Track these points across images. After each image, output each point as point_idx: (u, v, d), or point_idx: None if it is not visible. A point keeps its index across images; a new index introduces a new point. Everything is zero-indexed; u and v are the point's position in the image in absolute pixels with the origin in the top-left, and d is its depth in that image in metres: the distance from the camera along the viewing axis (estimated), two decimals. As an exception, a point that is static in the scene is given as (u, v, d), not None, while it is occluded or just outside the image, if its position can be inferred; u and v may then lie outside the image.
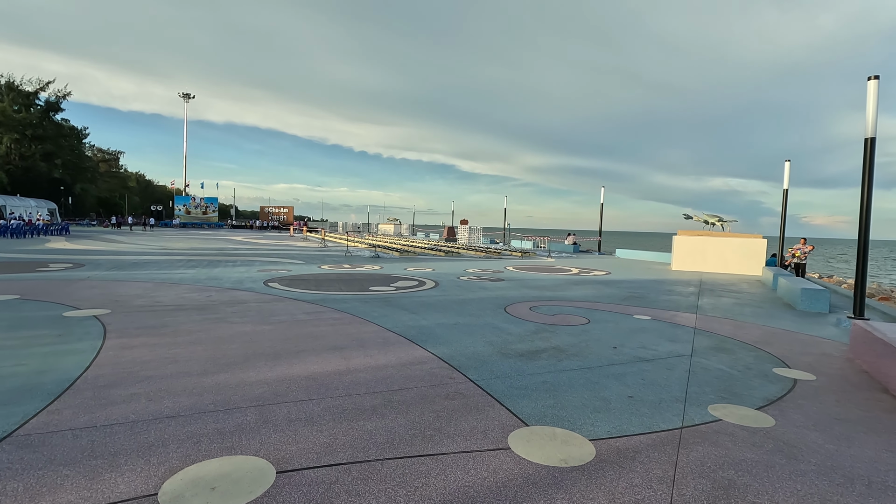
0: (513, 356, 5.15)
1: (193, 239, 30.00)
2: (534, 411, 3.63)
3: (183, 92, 69.50)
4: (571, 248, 27.58)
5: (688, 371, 4.84)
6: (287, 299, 8.28)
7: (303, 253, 19.99)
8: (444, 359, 4.93)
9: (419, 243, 29.03)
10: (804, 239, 15.78)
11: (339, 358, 4.84)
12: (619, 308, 8.53)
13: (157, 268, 12.85)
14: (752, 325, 7.40)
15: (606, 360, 5.12)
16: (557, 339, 6.01)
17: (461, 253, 22.41)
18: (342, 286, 10.13)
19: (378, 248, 23.23)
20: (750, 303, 9.83)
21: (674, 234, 18.17)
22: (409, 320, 6.83)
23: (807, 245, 15.65)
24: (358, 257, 18.33)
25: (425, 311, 7.61)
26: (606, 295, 10.17)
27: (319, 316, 6.92)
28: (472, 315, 7.39)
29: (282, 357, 4.81)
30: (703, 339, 6.33)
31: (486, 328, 6.49)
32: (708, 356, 5.45)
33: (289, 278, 11.21)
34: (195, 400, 3.60)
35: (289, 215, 69.83)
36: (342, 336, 5.76)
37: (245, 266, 13.85)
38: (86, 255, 16.55)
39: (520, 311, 7.82)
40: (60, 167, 65.09)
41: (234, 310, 7.21)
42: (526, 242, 31.34)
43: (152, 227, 48.82)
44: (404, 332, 6.05)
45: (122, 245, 22.45)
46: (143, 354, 4.75)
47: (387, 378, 4.27)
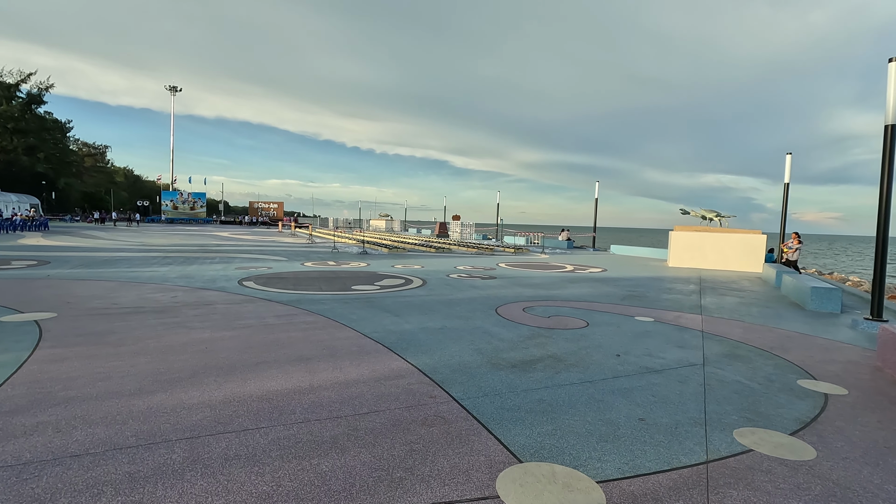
0: (504, 367, 4.53)
1: (177, 235, 29.11)
2: (528, 441, 3.01)
3: (169, 85, 68.02)
4: (565, 245, 27.02)
5: (703, 384, 4.25)
6: (259, 300, 7.61)
7: (288, 249, 19.27)
8: (426, 371, 4.30)
9: (410, 239, 28.37)
10: (796, 234, 15.25)
11: (304, 371, 4.19)
12: (618, 309, 7.94)
13: (128, 265, 12.09)
14: (762, 328, 6.83)
15: (610, 372, 4.51)
16: (554, 345, 5.40)
17: (452, 249, 21.78)
18: (323, 285, 9.46)
19: (367, 244, 22.53)
20: (755, 302, 9.28)
21: (668, 230, 17.65)
22: (391, 324, 6.18)
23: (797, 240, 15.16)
24: (345, 254, 17.64)
25: (409, 313, 6.97)
26: (604, 294, 9.59)
27: (291, 320, 6.26)
28: (461, 317, 6.77)
29: (236, 371, 4.15)
30: (713, 344, 5.75)
31: (476, 333, 5.86)
32: (722, 365, 4.86)
33: (266, 277, 10.52)
34: (115, 431, 2.94)
35: (279, 211, 68.82)
36: (312, 344, 5.11)
37: (223, 263, 13.13)
38: (57, 251, 15.72)
39: (512, 313, 7.20)
40: (43, 161, 63.49)
41: (198, 313, 6.53)
42: (519, 238, 30.77)
43: (137, 223, 47.70)
44: (383, 339, 5.40)
45: (99, 241, 21.58)
46: (73, 369, 4.07)
47: (356, 397, 3.63)
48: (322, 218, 62.19)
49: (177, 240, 23.91)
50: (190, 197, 66.93)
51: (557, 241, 27.85)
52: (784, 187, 15.03)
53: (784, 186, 15.02)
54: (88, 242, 20.56)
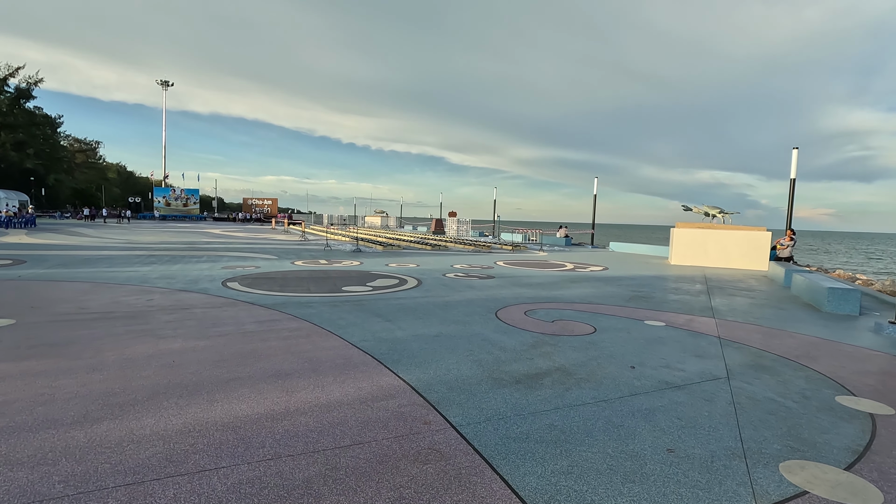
0: (508, 383, 4.03)
1: (167, 232, 28.46)
2: (541, 483, 2.52)
3: (161, 79, 66.98)
4: (563, 242, 26.57)
5: (732, 403, 3.77)
6: (241, 304, 7.08)
7: (279, 247, 18.70)
8: (420, 389, 3.80)
9: (405, 236, 27.83)
10: (791, 230, 14.71)
11: (280, 391, 3.68)
12: (625, 311, 7.46)
13: (108, 265, 11.52)
14: (782, 333, 6.37)
15: (626, 387, 4.02)
16: (561, 355, 4.91)
17: (449, 247, 21.27)
18: (312, 286, 8.93)
19: (361, 241, 21.99)
20: (767, 303, 8.83)
21: (664, 226, 17.22)
22: (382, 331, 5.67)
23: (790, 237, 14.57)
24: (338, 252, 17.10)
25: (403, 317, 6.46)
26: (608, 295, 9.11)
27: (273, 326, 5.74)
28: (458, 322, 6.27)
29: (203, 390, 3.63)
30: (733, 352, 5.27)
31: (475, 340, 5.36)
32: (749, 378, 4.38)
33: (253, 277, 9.98)
34: (40, 475, 2.42)
35: (273, 207, 68.07)
36: (293, 355, 4.59)
37: (210, 262, 12.57)
38: (37, 249, 15.10)
39: (513, 317, 6.71)
40: (33, 157, 62.42)
41: (172, 318, 6.00)
42: (516, 236, 30.29)
43: (128, 220, 46.90)
44: (373, 349, 4.90)
45: (85, 239, 20.93)
46: (13, 390, 3.54)
47: (337, 424, 3.13)
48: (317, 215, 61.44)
49: (166, 237, 23.28)
50: (183, 193, 66.03)
51: (555, 238, 27.39)
52: (790, 183, 14.60)
53: (790, 182, 14.59)
54: (73, 240, 19.92)
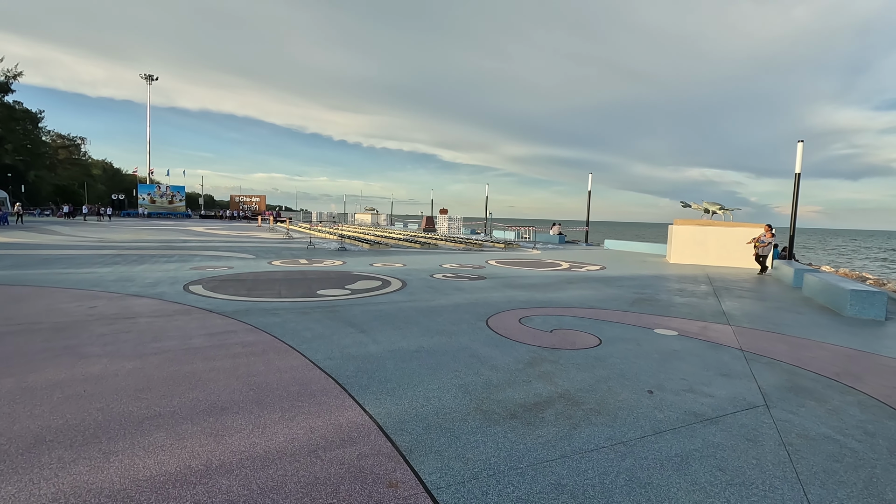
0: (501, 417, 3.24)
1: (146, 230, 27.34)
2: None
3: (145, 73, 65.27)
4: (557, 239, 25.86)
5: (782, 443, 3.00)
6: (197, 311, 6.22)
7: (260, 246, 17.77)
8: (389, 429, 2.99)
9: (395, 234, 26.97)
10: (769, 226, 13.56)
11: (207, 435, 2.85)
12: (630, 317, 6.70)
13: (66, 265, 10.56)
14: (809, 343, 5.63)
15: (648, 422, 3.24)
16: (564, 375, 4.12)
17: (439, 245, 20.46)
18: (284, 289, 8.07)
19: (347, 239, 21.10)
20: (781, 306, 8.12)
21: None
22: (353, 345, 4.85)
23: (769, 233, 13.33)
24: (322, 250, 16.22)
25: (380, 327, 5.64)
26: (609, 297, 8.35)
27: (225, 340, 4.89)
28: (443, 333, 5.46)
29: (102, 436, 2.79)
30: (763, 370, 4.52)
31: (461, 357, 4.56)
32: (792, 406, 3.62)
33: (221, 279, 9.09)
34: None
35: (261, 204, 66.80)
36: (238, 381, 3.76)
37: (180, 262, 11.65)
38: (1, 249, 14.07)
39: (506, 325, 5.91)
40: (11, 153, 60.59)
41: (108, 331, 5.13)
42: (508, 233, 29.54)
43: (109, 218, 45.51)
44: (338, 370, 4.07)
45: (56, 237, 19.84)
46: None
47: (273, 488, 2.31)
48: (306, 212, 60.29)
49: (143, 235, 22.22)
50: (168, 190, 64.53)
51: (549, 235, 26.69)
52: (795, 177, 13.96)
53: (795, 177, 13.95)
54: (42, 239, 18.84)
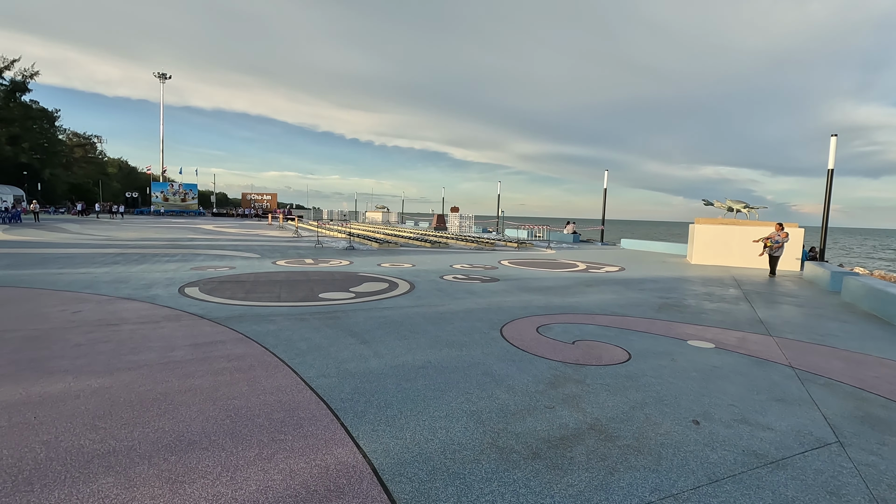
0: (521, 457, 2.69)
1: (156, 228, 27.20)
2: None
3: (158, 72, 65.58)
4: (572, 238, 25.17)
5: (873, 498, 2.41)
6: (187, 317, 5.75)
7: (267, 245, 17.39)
8: (385, 474, 2.46)
9: (405, 233, 26.49)
10: (780, 224, 12.39)
11: (162, 481, 2.34)
12: (659, 326, 6.09)
13: (64, 265, 10.22)
14: (869, 360, 4.99)
15: (700, 465, 2.67)
16: (593, 400, 3.55)
17: (450, 244, 19.91)
18: (284, 292, 7.59)
19: (356, 238, 20.65)
20: (822, 314, 7.44)
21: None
22: (352, 358, 4.33)
23: (782, 232, 12.08)
24: (329, 249, 15.77)
25: (384, 337, 5.12)
26: (633, 302, 7.74)
27: (210, 352, 4.40)
28: (453, 344, 4.92)
29: (38, 481, 2.29)
30: (823, 393, 3.90)
31: (473, 375, 4.02)
32: (872, 445, 3.01)
33: (220, 280, 8.65)
34: None
35: (272, 202, 66.80)
36: (215, 405, 3.26)
37: (181, 262, 11.26)
38: (2, 247, 13.84)
39: (523, 335, 5.35)
40: (28, 151, 61.31)
41: (85, 340, 4.67)
42: (521, 232, 28.88)
43: (122, 216, 45.72)
44: (332, 391, 3.56)
45: (63, 236, 19.67)
46: None
47: (227, 569, 1.79)
48: (317, 210, 60.13)
49: (151, 233, 22.00)
50: (181, 188, 64.86)
51: (563, 234, 26.00)
52: (827, 174, 13.15)
53: (827, 173, 13.13)
54: (50, 237, 18.66)
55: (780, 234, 12.14)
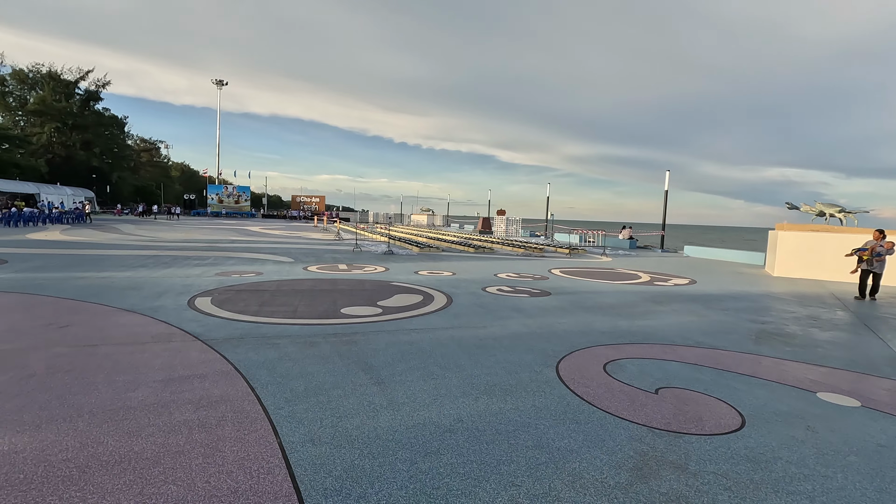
0: None
1: (203, 228, 27.58)
2: None
3: (216, 79, 68.26)
4: (628, 244, 23.22)
5: None
6: (181, 336, 4.87)
7: (304, 248, 16.81)
8: None
9: (448, 236, 25.46)
10: (880, 231, 9.88)
11: None
12: (766, 366, 4.64)
13: (87, 268, 9.83)
14: None
15: None
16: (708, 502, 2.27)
17: (495, 249, 18.65)
18: (302, 306, 6.66)
19: (397, 241, 19.79)
20: (983, 351, 5.67)
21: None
22: (358, 411, 3.24)
23: (885, 242, 9.68)
24: (367, 254, 14.94)
25: (405, 374, 4.00)
26: (719, 327, 6.26)
27: (180, 394, 3.43)
28: (494, 389, 3.73)
29: None
30: None
31: (520, 446, 2.82)
32: None
33: (239, 288, 7.86)
34: None
35: (320, 204, 67.89)
36: (142, 494, 2.24)
37: (209, 266, 10.67)
38: (45, 247, 13.91)
39: (587, 376, 4.09)
40: (99, 156, 65.31)
41: (44, 368, 3.84)
42: (573, 236, 27.14)
43: (178, 216, 47.49)
44: (316, 472, 2.46)
45: (110, 236, 20.00)
46: None
47: None
48: (363, 212, 60.41)
49: (196, 234, 22.11)
50: (235, 191, 67.03)
51: (618, 239, 24.09)
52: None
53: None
54: (98, 237, 18.97)
55: (884, 243, 9.64)
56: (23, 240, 16.37)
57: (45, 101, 59.88)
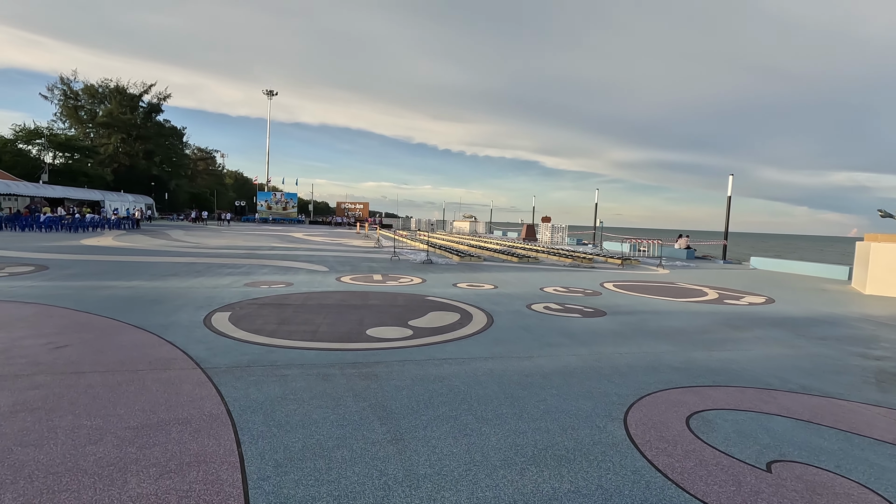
0: None
1: (247, 235, 27.97)
2: None
3: (266, 89, 70.53)
4: (685, 254, 21.48)
5: None
6: (181, 362, 4.27)
7: (342, 256, 16.38)
8: None
9: (491, 244, 24.54)
10: None
11: None
12: (911, 428, 3.49)
13: (117, 276, 9.64)
14: None
15: None
16: None
17: (540, 258, 17.57)
18: (325, 325, 5.99)
19: (437, 249, 19.08)
20: None
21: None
22: (362, 488, 2.44)
23: None
24: (404, 263, 14.29)
25: (430, 427, 3.18)
26: (821, 364, 5.07)
27: (146, 452, 2.75)
28: (544, 455, 2.85)
29: None
30: None
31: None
32: None
33: (263, 302, 7.31)
34: None
35: (364, 211, 68.50)
36: None
37: (240, 275, 10.30)
38: (90, 253, 14.13)
39: (667, 437, 3.13)
40: (159, 164, 68.81)
41: (9, 404, 3.29)
42: (624, 245, 25.55)
43: (228, 222, 49.01)
44: None
45: (157, 242, 20.41)
46: None
47: None
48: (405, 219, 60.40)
49: (239, 241, 22.30)
50: (283, 197, 68.80)
51: (673, 249, 22.36)
52: None
53: None
54: (144, 244, 19.37)
55: None
56: (75, 245, 16.84)
57: (113, 113, 63.73)
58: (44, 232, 24.30)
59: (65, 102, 62.91)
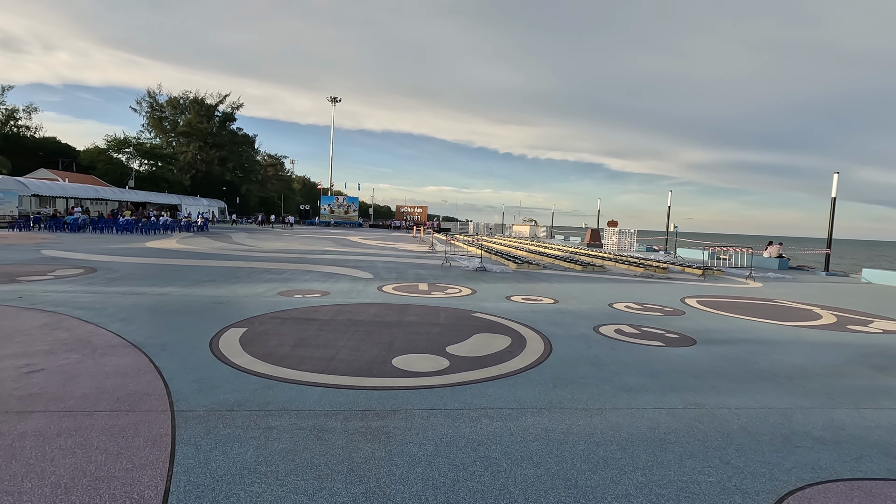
0: None
1: (305, 238, 28.14)
2: None
3: (330, 96, 72.44)
4: (777, 264, 18.80)
5: None
6: (154, 400, 3.42)
7: (391, 261, 15.60)
8: None
9: (552, 249, 22.93)
10: None
11: None
12: None
13: (156, 281, 9.30)
14: None
15: None
16: None
17: (606, 266, 15.85)
18: (347, 348, 5.01)
19: (493, 255, 17.86)
20: None
21: None
22: None
23: None
24: (455, 270, 13.23)
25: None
26: None
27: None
28: None
29: None
30: None
31: None
32: None
33: (286, 317, 6.48)
34: None
35: (422, 215, 68.44)
36: None
37: (279, 283, 9.68)
38: (146, 256, 14.28)
39: None
40: (231, 170, 72.61)
41: None
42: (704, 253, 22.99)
43: (292, 226, 50.44)
44: None
45: (216, 245, 20.72)
46: None
47: None
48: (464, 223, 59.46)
49: (295, 244, 22.27)
50: (345, 202, 70.26)
51: (762, 258, 19.70)
52: None
53: None
54: (203, 246, 19.68)
55: None
56: (138, 248, 17.29)
57: (192, 123, 68.03)
58: (119, 234, 25.64)
59: (151, 114, 67.89)
